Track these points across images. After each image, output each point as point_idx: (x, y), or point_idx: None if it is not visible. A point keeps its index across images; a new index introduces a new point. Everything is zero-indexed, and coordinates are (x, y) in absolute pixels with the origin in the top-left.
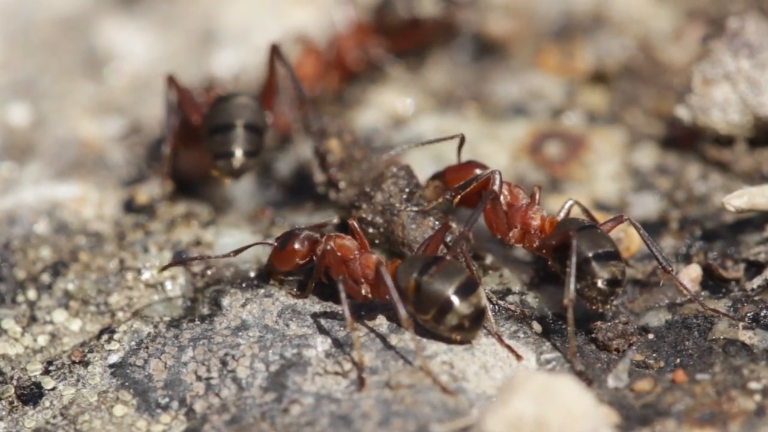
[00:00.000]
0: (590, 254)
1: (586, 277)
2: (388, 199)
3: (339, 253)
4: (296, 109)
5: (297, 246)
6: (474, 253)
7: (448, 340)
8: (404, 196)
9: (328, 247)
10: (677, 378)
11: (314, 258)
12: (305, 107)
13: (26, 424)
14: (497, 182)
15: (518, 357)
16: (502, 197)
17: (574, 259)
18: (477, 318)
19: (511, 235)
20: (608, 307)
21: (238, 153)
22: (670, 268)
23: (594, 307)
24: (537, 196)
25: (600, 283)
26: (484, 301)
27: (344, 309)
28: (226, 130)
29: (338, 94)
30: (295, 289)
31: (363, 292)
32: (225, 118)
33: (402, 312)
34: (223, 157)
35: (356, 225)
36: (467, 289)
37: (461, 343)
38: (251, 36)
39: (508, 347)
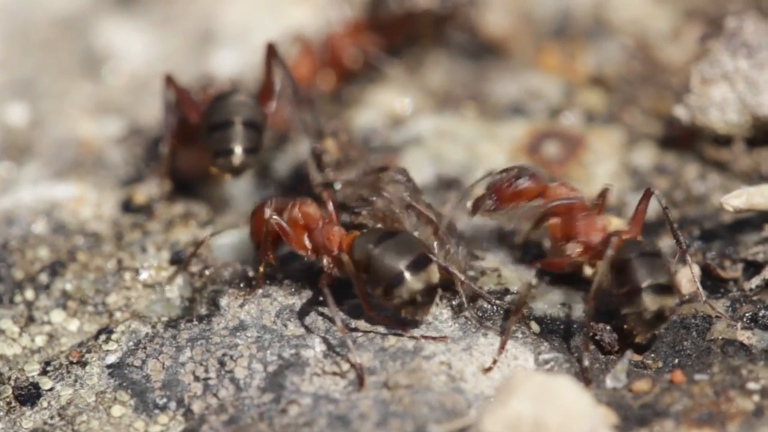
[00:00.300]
0: (644, 284)
1: (633, 305)
2: (388, 205)
3: (301, 221)
4: (293, 108)
5: (266, 214)
6: (472, 253)
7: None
8: (404, 203)
9: (272, 225)
10: (675, 378)
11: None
12: (302, 107)
13: (24, 424)
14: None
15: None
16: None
17: (608, 258)
18: (428, 294)
19: (570, 250)
20: (646, 336)
21: (238, 150)
22: (686, 248)
23: (634, 335)
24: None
25: (647, 315)
26: (436, 278)
27: (334, 313)
28: (225, 128)
29: (336, 94)
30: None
31: (325, 263)
32: (224, 116)
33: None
34: (223, 154)
35: (329, 196)
36: (419, 265)
37: (413, 319)
38: (250, 36)
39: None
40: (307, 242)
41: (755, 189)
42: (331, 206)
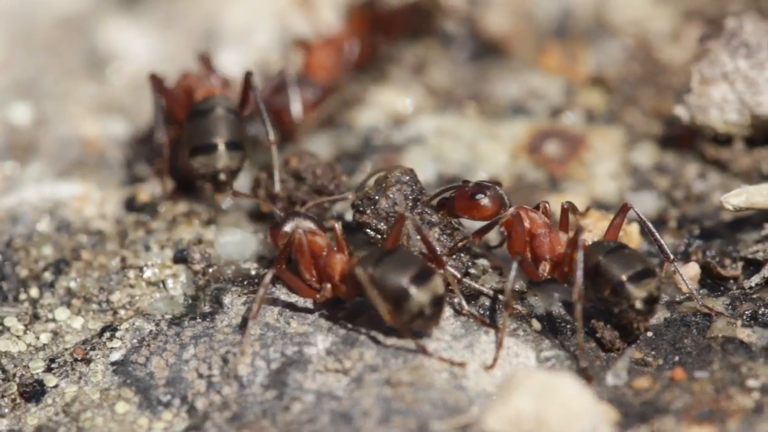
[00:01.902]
0: (624, 277)
1: (621, 301)
2: (392, 206)
3: (309, 248)
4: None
5: (284, 229)
6: (473, 252)
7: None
8: (409, 204)
9: (296, 239)
10: (676, 376)
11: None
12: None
13: (29, 421)
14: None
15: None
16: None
17: (580, 256)
18: (436, 305)
19: (542, 269)
20: (647, 323)
21: (223, 175)
22: (673, 258)
23: (636, 327)
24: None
25: (638, 304)
26: (442, 289)
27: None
28: (208, 151)
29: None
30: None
31: (328, 288)
32: (205, 138)
33: (385, 316)
34: (208, 178)
35: (338, 228)
36: (422, 278)
37: (424, 330)
38: (252, 36)
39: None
40: (312, 269)
41: (755, 188)
42: (340, 234)
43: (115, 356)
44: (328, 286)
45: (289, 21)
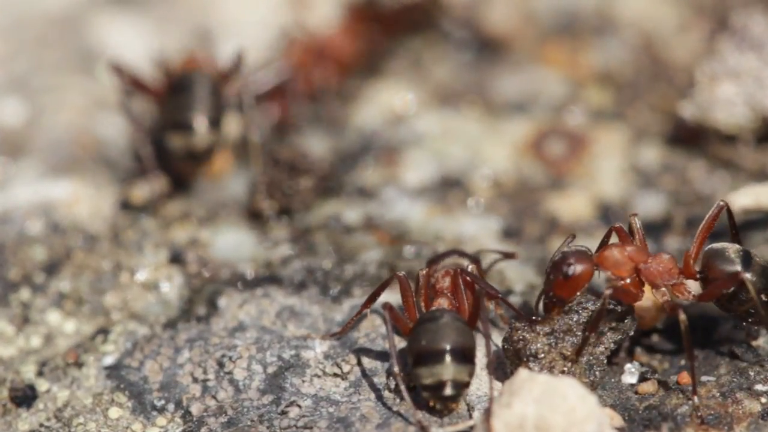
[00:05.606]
0: None
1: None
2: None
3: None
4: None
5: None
6: (478, 252)
7: None
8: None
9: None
10: (682, 380)
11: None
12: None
13: (19, 426)
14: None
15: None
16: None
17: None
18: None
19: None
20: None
21: (201, 152)
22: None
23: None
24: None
25: None
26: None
27: None
28: (184, 129)
29: (337, 90)
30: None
31: None
32: (183, 117)
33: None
34: (187, 157)
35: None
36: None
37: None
38: (246, 32)
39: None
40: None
41: (763, 188)
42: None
43: (108, 360)
44: None
45: (284, 17)
